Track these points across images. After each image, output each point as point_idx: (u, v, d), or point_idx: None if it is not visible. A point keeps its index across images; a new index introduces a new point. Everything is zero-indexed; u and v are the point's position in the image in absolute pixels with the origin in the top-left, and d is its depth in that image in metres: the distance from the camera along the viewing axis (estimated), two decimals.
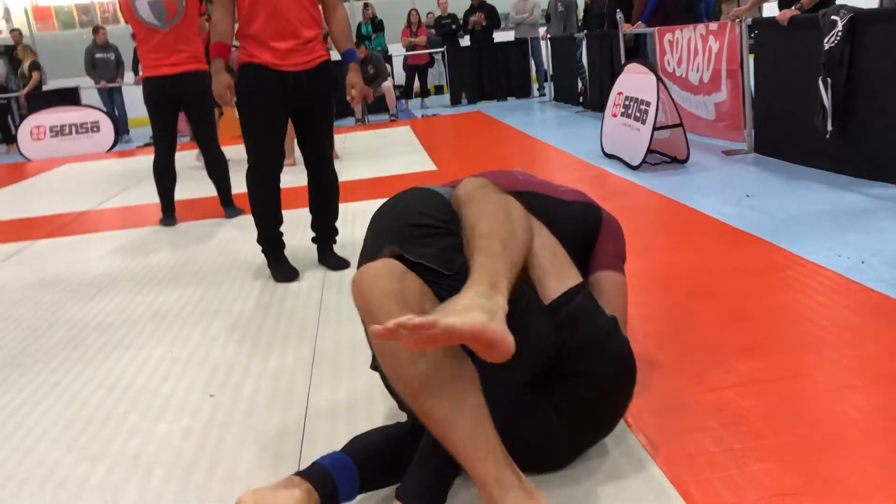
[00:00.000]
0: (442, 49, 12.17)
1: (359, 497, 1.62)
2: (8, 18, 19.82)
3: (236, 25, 3.37)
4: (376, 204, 1.96)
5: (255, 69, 3.29)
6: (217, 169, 5.02)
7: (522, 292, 1.59)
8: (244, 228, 4.69)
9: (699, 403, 1.97)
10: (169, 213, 5.01)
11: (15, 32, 11.81)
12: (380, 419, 2.06)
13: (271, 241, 3.59)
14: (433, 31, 12.48)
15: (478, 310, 1.36)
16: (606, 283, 1.91)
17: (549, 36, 11.15)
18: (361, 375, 2.35)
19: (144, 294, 3.51)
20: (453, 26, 12.45)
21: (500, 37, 12.61)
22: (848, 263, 2.93)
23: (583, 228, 1.97)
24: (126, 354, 2.76)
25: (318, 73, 3.38)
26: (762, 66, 5.33)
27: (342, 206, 4.88)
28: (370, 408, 2.14)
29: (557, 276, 1.69)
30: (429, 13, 13.07)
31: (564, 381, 1.65)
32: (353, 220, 4.55)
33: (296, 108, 3.40)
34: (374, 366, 1.77)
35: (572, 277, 1.72)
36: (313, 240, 3.71)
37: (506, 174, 2.01)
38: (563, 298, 1.66)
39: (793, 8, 4.81)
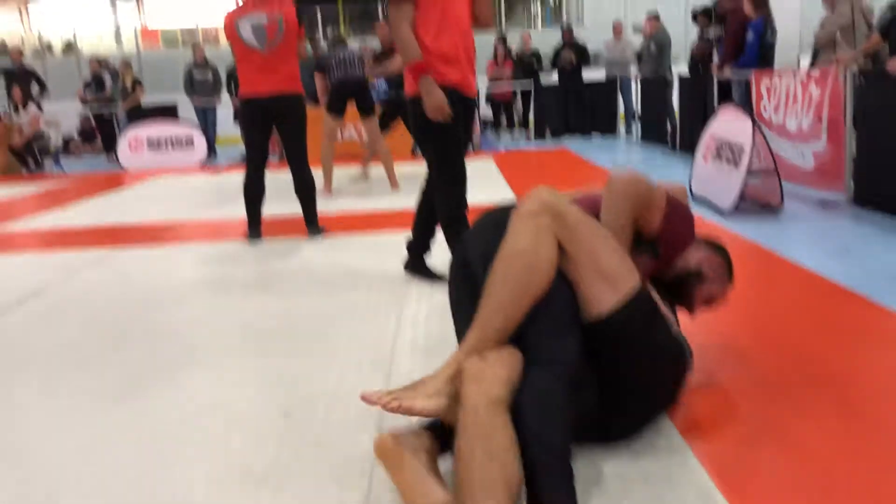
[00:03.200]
0: (526, 82, 12.15)
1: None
2: (119, 39, 20.87)
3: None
4: None
5: (446, 91, 3.23)
6: (304, 189, 5.08)
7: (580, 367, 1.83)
8: (326, 248, 4.73)
9: (801, 471, 1.83)
10: (255, 228, 5.10)
11: (14, 53, 12.26)
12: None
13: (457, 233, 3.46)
14: (516, 66, 12.50)
15: (445, 395, 1.77)
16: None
17: (639, 76, 11.02)
18: None
19: (224, 307, 3.55)
20: (535, 63, 12.45)
21: (588, 74, 12.53)
22: None
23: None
24: (202, 368, 2.78)
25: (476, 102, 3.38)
26: (866, 116, 5.10)
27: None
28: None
29: (610, 284, 1.86)
30: (510, 48, 13.10)
31: (615, 369, 1.90)
32: (434, 251, 4.52)
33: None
34: None
35: (628, 280, 1.88)
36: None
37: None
38: (616, 316, 1.86)
39: None
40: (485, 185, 7.14)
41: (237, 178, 5.16)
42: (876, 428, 2.02)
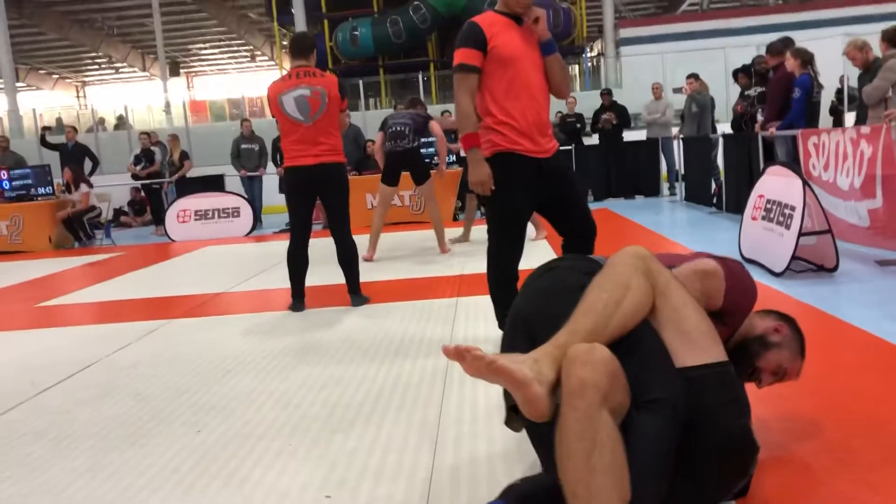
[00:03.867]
0: (570, 147, 12.19)
1: None
2: (168, 111, 21.63)
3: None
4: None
5: (511, 157, 3.33)
6: (347, 257, 5.08)
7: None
8: (370, 316, 4.69)
9: None
10: (298, 298, 5.09)
11: (69, 131, 12.69)
12: None
13: (501, 318, 3.56)
14: (558, 128, 12.55)
15: (529, 368, 1.64)
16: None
17: (681, 136, 10.97)
18: (482, 491, 2.20)
19: (269, 380, 3.51)
20: (578, 125, 12.49)
21: (630, 136, 12.53)
22: None
23: None
24: (245, 444, 2.72)
25: (558, 155, 3.48)
26: None
27: (464, 300, 4.80)
28: None
29: (693, 346, 1.82)
30: (557, 112, 13.20)
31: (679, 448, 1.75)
32: (476, 314, 4.46)
33: (552, 194, 3.45)
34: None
35: (712, 349, 1.84)
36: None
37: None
38: (696, 368, 1.79)
39: None
40: (529, 249, 7.09)
41: (283, 245, 5.19)
42: None
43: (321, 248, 6.40)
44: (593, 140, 12.54)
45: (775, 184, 5.44)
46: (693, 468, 1.82)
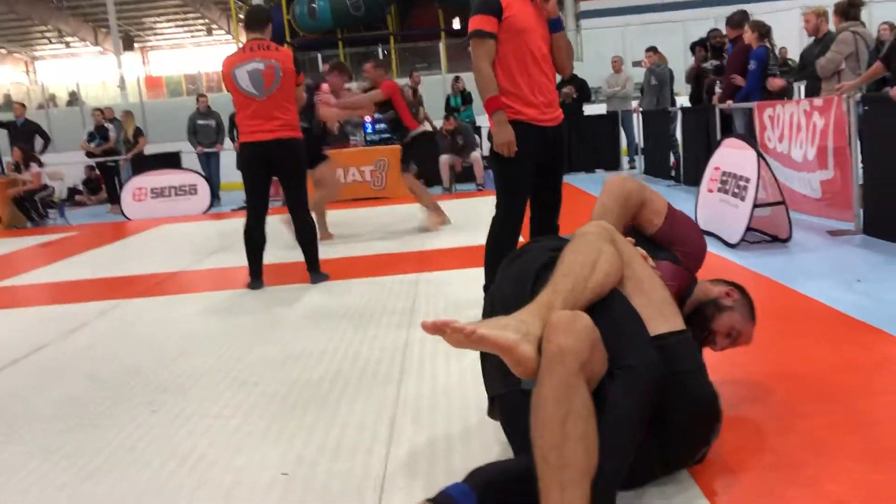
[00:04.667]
0: None
1: None
2: (122, 87, 21.14)
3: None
4: (459, 274, 1.92)
5: (518, 126, 3.43)
6: (305, 234, 5.04)
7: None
8: (329, 294, 4.67)
9: None
10: (256, 276, 5.03)
11: (18, 107, 12.23)
12: None
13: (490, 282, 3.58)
14: None
15: (513, 330, 1.65)
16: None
17: (641, 109, 11.03)
18: (439, 469, 2.21)
19: (226, 359, 3.47)
20: None
21: (590, 110, 12.56)
22: None
23: None
24: (202, 423, 2.70)
25: (562, 126, 3.60)
26: (872, 144, 5.06)
27: (427, 276, 4.81)
28: None
29: (661, 314, 1.88)
30: None
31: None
32: (437, 290, 4.46)
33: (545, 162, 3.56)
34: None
35: (677, 319, 1.91)
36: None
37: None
38: (666, 336, 1.85)
39: None
40: (487, 224, 7.09)
41: (241, 223, 5.12)
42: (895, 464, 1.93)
43: (280, 225, 6.34)
44: None
45: (731, 156, 5.50)
46: (660, 434, 1.85)
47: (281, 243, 6.21)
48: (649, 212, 2.24)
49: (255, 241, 4.99)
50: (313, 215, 5.24)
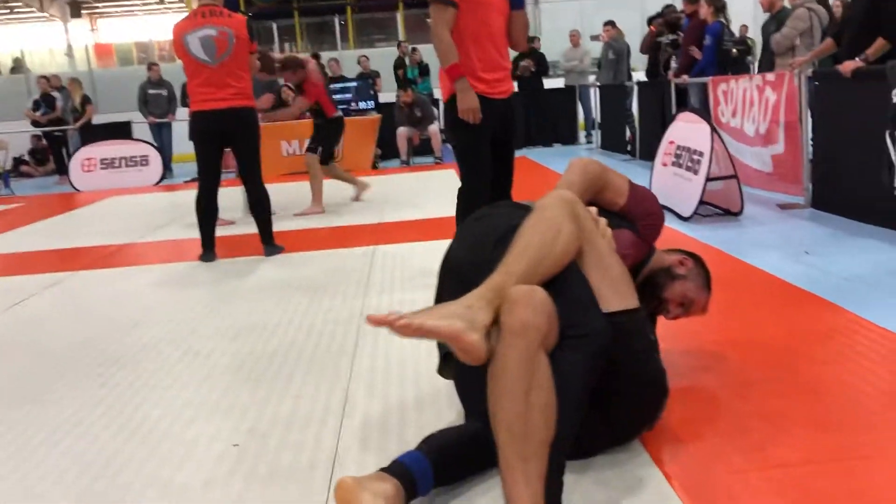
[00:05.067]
0: None
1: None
2: (70, 55, 20.50)
3: None
4: (415, 247, 1.89)
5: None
6: (258, 205, 4.96)
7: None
8: (284, 266, 4.62)
9: (765, 482, 1.78)
10: (209, 248, 4.95)
11: None
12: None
13: None
14: None
15: (459, 318, 1.63)
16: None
17: (598, 83, 11.07)
18: (392, 439, 2.21)
19: (178, 331, 3.42)
20: None
21: (548, 84, 12.56)
22: None
23: None
24: (153, 395, 2.66)
25: (511, 99, 3.62)
26: (822, 119, 5.15)
27: (382, 249, 4.79)
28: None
29: (617, 291, 1.88)
30: None
31: (597, 388, 1.80)
32: (394, 263, 4.44)
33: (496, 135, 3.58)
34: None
35: (632, 297, 1.92)
36: None
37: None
38: (619, 314, 1.85)
39: (856, 60, 4.64)
40: (445, 197, 7.08)
41: (193, 195, 5.02)
42: (840, 430, 1.98)
43: (235, 196, 6.25)
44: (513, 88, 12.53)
45: (685, 130, 5.56)
46: (608, 409, 1.88)
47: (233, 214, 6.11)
48: (612, 193, 2.23)
49: (207, 212, 4.90)
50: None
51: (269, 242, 5.01)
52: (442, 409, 2.34)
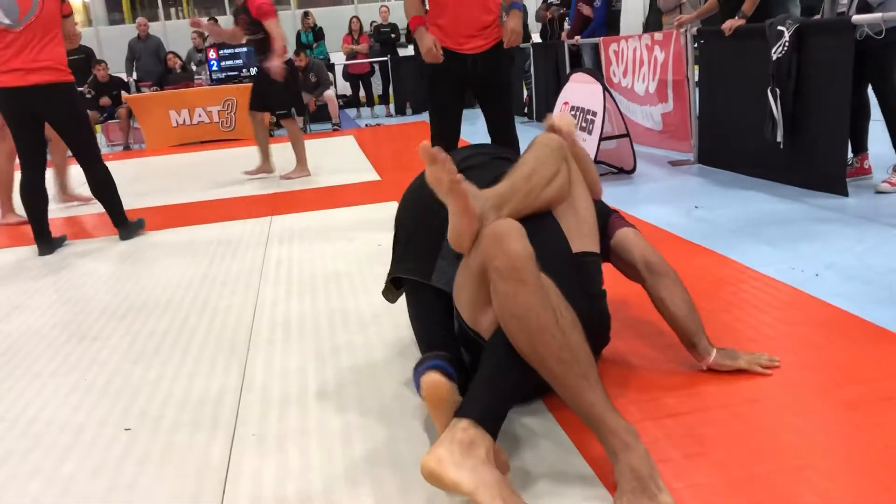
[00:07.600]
0: (385, 58, 11.98)
1: None
2: None
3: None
4: (314, 216, 1.84)
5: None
6: (103, 188, 4.50)
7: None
8: (173, 242, 4.43)
9: (659, 430, 1.83)
10: (43, 239, 4.40)
11: None
12: (315, 450, 1.87)
13: None
14: (373, 39, 12.29)
15: (480, 206, 1.78)
16: (629, 235, 2.26)
17: None
18: (293, 404, 2.16)
19: (62, 314, 3.24)
20: (393, 35, 12.29)
21: None
22: (802, 277, 2.85)
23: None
24: (34, 382, 2.51)
25: (491, 54, 3.68)
26: (707, 77, 5.30)
27: (280, 219, 4.67)
28: (303, 441, 1.94)
29: (580, 237, 1.99)
30: (372, 22, 12.90)
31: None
32: (291, 235, 4.34)
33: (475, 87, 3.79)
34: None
35: (592, 245, 2.02)
36: None
37: None
38: (586, 255, 1.98)
39: (737, 17, 4.78)
40: (345, 163, 6.97)
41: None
42: (728, 377, 2.05)
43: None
44: (408, 51, 12.38)
45: (579, 90, 5.62)
46: None
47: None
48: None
49: (34, 199, 4.35)
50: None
51: (122, 223, 4.57)
52: (341, 373, 2.31)
